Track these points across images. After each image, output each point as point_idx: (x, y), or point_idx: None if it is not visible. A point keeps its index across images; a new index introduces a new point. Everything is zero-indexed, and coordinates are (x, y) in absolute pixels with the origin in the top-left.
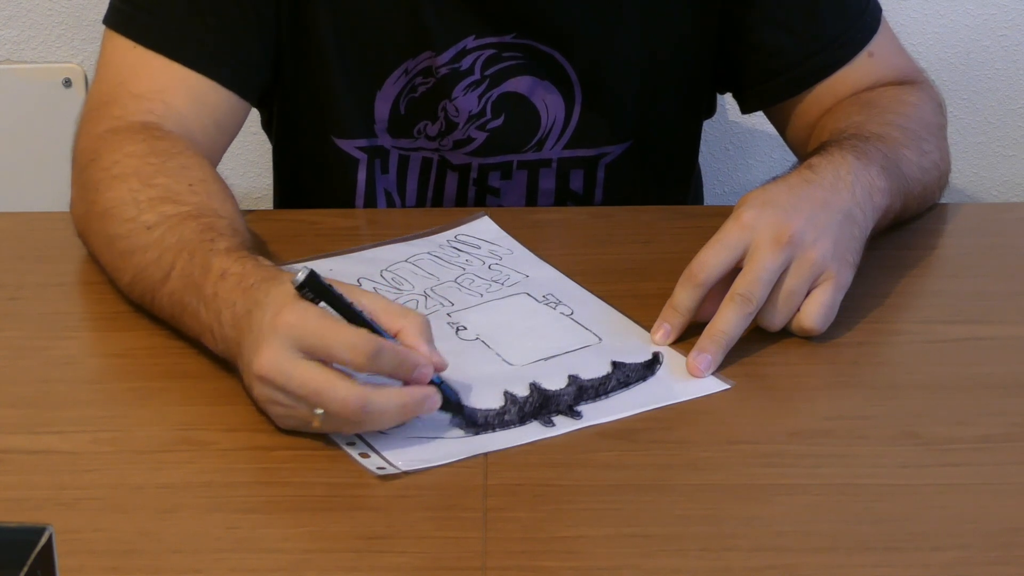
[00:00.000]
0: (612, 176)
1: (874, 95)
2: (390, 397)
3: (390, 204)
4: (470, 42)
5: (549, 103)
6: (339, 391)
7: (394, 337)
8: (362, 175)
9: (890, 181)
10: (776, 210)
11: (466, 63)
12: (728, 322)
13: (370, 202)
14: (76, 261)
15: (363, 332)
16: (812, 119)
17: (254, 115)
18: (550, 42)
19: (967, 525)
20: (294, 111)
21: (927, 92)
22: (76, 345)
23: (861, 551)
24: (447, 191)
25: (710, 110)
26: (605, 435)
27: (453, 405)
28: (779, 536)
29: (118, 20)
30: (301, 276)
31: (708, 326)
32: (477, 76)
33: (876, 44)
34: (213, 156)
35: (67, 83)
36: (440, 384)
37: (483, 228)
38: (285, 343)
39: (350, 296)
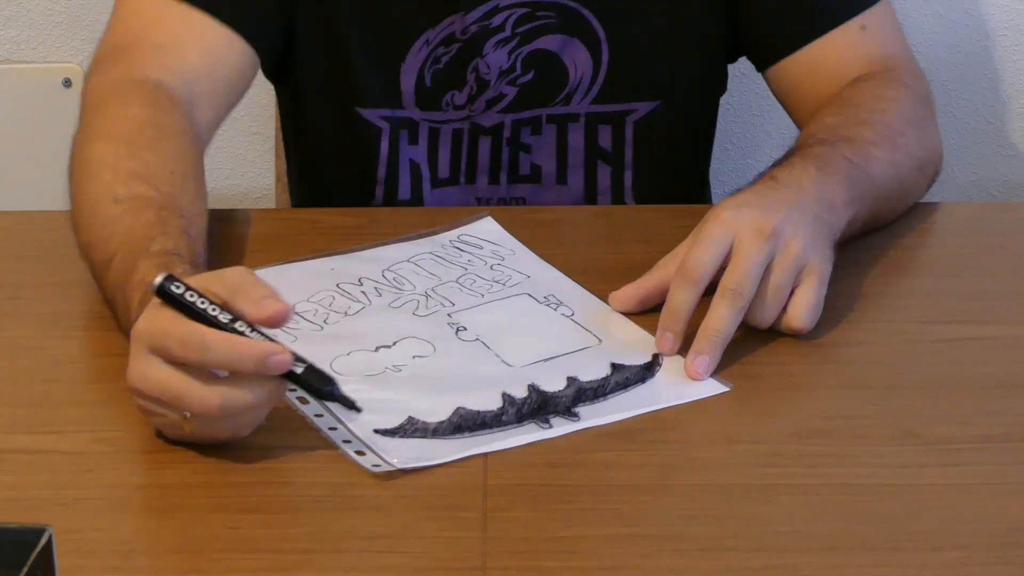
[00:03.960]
0: (641, 135)
1: (855, 93)
2: (248, 386)
3: (415, 174)
4: (503, 0)
5: (578, 60)
6: (195, 391)
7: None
8: (385, 145)
9: (853, 191)
10: (752, 209)
11: (497, 20)
12: (722, 319)
13: (392, 172)
14: (76, 261)
15: (193, 326)
16: (807, 91)
17: (253, 115)
18: (581, 0)
19: (967, 525)
20: (316, 82)
21: (909, 85)
22: (76, 345)
23: (861, 551)
24: (480, 157)
25: (725, 85)
26: (605, 435)
27: (324, 393)
28: (779, 536)
29: None
30: (157, 280)
31: (702, 326)
32: (508, 33)
33: (871, 18)
34: (215, 121)
35: (67, 83)
36: (307, 371)
37: (486, 228)
38: (142, 349)
39: (210, 287)
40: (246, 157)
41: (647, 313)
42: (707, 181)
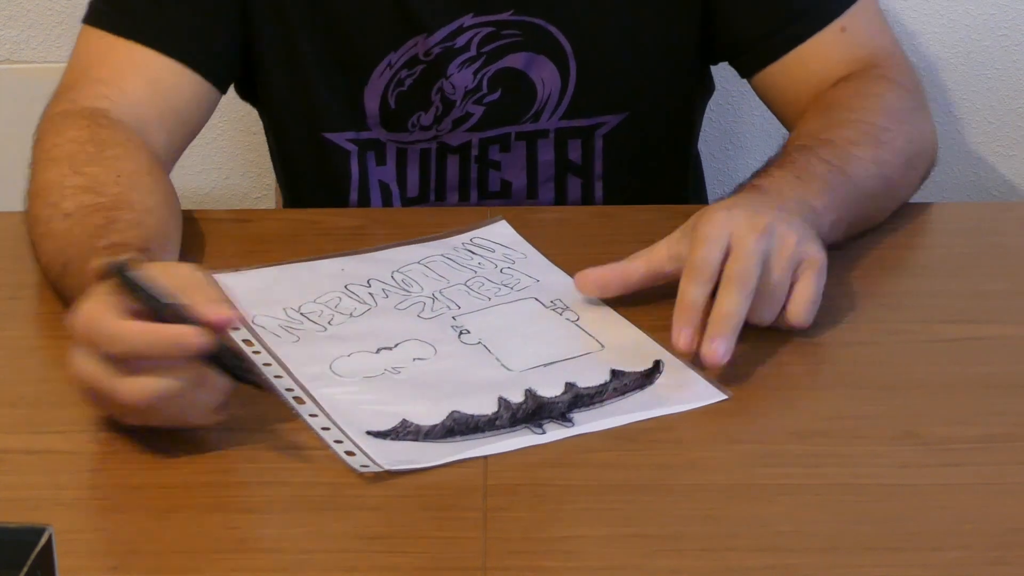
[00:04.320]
0: (610, 147)
1: (837, 94)
2: (174, 375)
3: (385, 194)
4: (468, 20)
5: (545, 76)
6: (126, 385)
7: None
8: (354, 167)
9: (832, 194)
10: (743, 209)
11: (461, 41)
12: (731, 303)
13: (363, 193)
14: None
15: (106, 321)
16: (791, 96)
17: (254, 115)
18: (545, 16)
19: (967, 525)
20: (282, 108)
21: (893, 79)
22: None
23: (861, 551)
24: (449, 175)
25: (707, 86)
26: (605, 435)
27: (236, 372)
28: (779, 536)
29: (91, 16)
30: (113, 266)
31: (712, 314)
32: (473, 53)
33: (850, 19)
34: (172, 144)
35: None
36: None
37: (499, 232)
38: (78, 342)
39: (160, 277)
40: (246, 157)
41: (650, 319)
42: (688, 183)
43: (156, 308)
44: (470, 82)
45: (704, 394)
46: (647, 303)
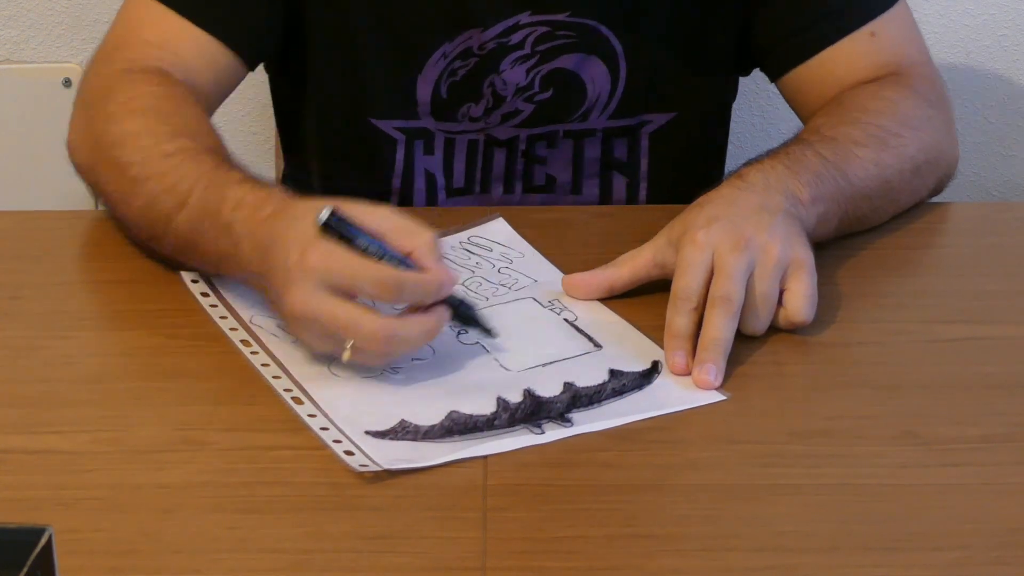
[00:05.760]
0: (656, 145)
1: (853, 94)
2: (413, 325)
3: (430, 183)
4: (524, 18)
5: (596, 77)
6: (366, 326)
7: (407, 257)
8: (400, 155)
9: (821, 188)
10: (723, 222)
11: (516, 38)
12: (718, 327)
13: (407, 181)
14: (76, 261)
15: (387, 268)
16: (816, 99)
17: (253, 115)
18: (600, 18)
19: (967, 525)
20: (328, 90)
21: (914, 87)
22: (76, 345)
23: (861, 551)
24: (495, 167)
25: (734, 92)
26: (605, 435)
27: (467, 318)
28: (779, 536)
29: None
30: (324, 215)
31: (700, 339)
32: (527, 51)
33: (881, 24)
34: (210, 113)
35: (67, 83)
36: (452, 299)
37: (497, 230)
38: (312, 282)
39: (362, 218)
40: (246, 157)
41: (648, 319)
42: (722, 176)
43: (378, 257)
44: (522, 79)
45: (703, 394)
46: (645, 303)
